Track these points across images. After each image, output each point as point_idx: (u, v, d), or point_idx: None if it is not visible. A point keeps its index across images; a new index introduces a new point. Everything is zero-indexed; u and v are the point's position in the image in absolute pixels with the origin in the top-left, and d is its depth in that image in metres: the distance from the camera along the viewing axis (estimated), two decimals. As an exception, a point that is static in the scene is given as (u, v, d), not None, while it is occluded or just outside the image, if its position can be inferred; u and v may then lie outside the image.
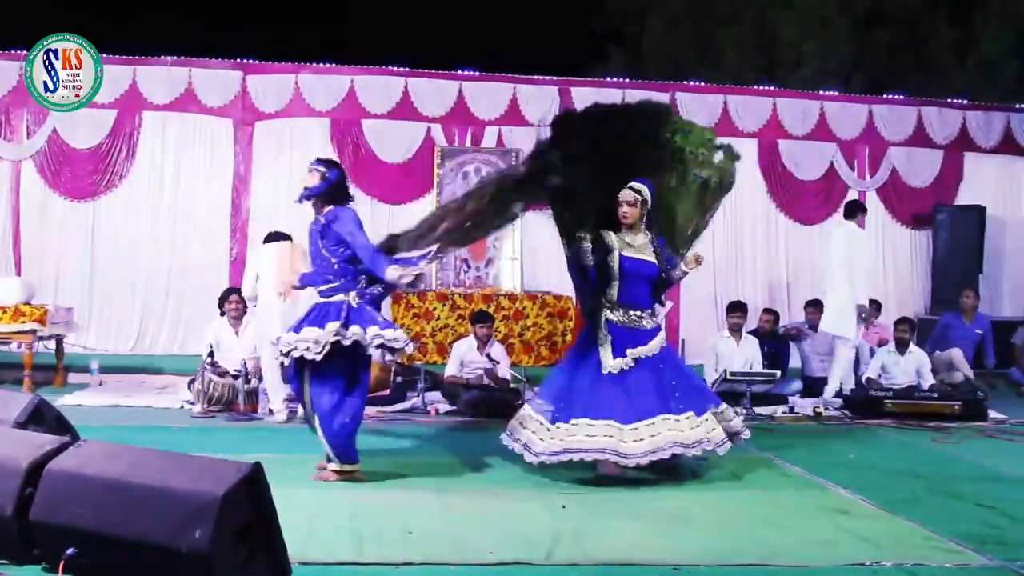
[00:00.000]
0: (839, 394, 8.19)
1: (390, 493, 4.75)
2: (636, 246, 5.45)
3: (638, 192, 5.41)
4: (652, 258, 5.45)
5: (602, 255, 5.42)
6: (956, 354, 8.86)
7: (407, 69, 10.83)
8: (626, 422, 5.03)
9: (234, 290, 8.11)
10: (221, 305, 7.73)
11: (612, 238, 5.44)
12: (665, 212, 5.69)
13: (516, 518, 4.30)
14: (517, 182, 5.71)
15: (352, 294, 5.11)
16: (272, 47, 11.10)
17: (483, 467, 5.42)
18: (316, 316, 5.04)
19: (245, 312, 7.77)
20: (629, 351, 5.29)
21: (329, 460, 5.08)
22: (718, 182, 5.88)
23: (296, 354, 4.95)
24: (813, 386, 8.76)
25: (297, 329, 5.01)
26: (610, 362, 5.26)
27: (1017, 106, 12.13)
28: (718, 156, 5.89)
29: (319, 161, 5.44)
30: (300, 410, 6.49)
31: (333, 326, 4.91)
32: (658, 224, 5.61)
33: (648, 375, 5.26)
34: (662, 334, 5.52)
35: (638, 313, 5.42)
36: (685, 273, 5.57)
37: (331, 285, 5.13)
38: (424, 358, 8.53)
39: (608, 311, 5.42)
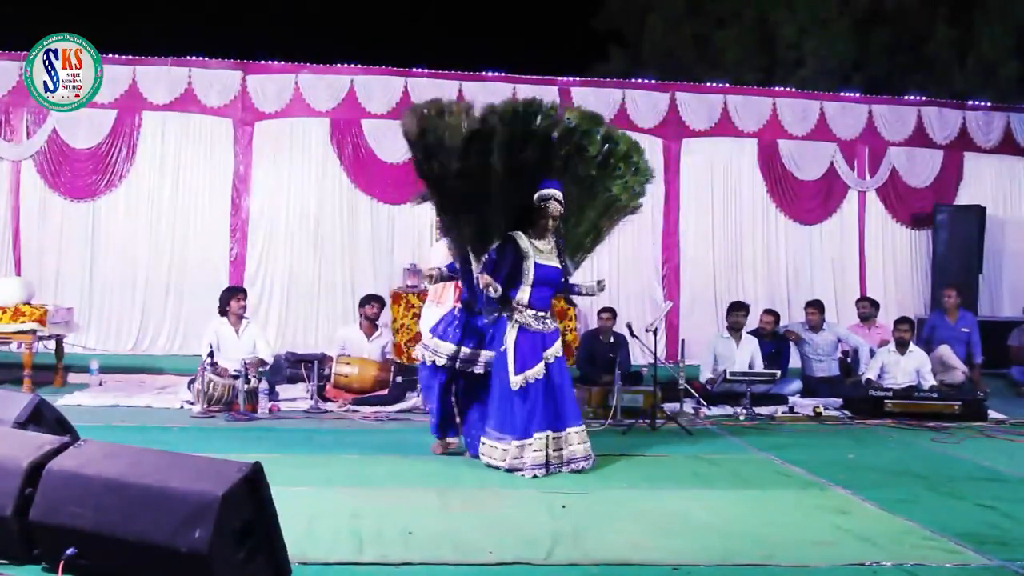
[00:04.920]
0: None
1: (390, 493, 4.75)
2: (545, 251, 5.52)
3: (560, 202, 5.46)
4: (558, 263, 5.56)
5: (517, 259, 5.42)
6: (944, 350, 8.87)
7: (407, 69, 10.84)
8: (524, 437, 5.27)
9: (240, 289, 8.11)
10: (227, 303, 7.72)
11: (525, 242, 5.47)
12: (571, 217, 5.71)
13: (516, 518, 4.30)
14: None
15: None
16: (272, 47, 11.12)
17: (483, 467, 5.41)
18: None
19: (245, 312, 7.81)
20: (544, 352, 5.41)
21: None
22: (626, 203, 5.96)
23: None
24: (813, 386, 8.77)
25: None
26: (513, 378, 5.34)
27: (1017, 106, 12.14)
28: (639, 178, 5.94)
29: None
30: None
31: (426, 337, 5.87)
32: (562, 226, 5.65)
33: (544, 388, 5.37)
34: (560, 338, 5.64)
35: (544, 315, 5.53)
36: (587, 293, 5.94)
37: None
38: (424, 358, 8.54)
39: (515, 314, 5.43)
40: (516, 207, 5.46)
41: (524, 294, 5.44)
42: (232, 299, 7.74)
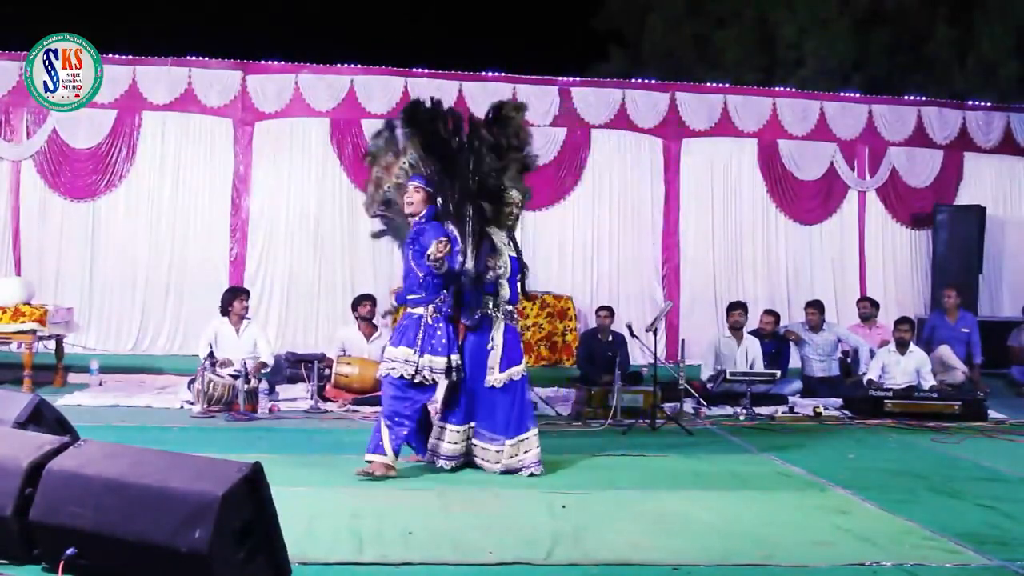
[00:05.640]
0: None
1: (390, 493, 4.75)
2: (507, 244, 5.48)
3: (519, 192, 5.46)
4: (515, 253, 5.50)
5: (493, 255, 5.35)
6: (944, 351, 8.88)
7: (407, 69, 10.84)
8: (518, 433, 5.23)
9: (243, 290, 8.11)
10: (229, 303, 7.71)
11: (499, 237, 5.43)
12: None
13: (516, 518, 4.30)
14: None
15: (430, 308, 5.23)
16: (272, 47, 11.12)
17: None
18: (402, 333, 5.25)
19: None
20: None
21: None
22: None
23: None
24: (813, 386, 8.77)
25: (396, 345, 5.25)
26: (498, 376, 5.25)
27: (1017, 106, 12.14)
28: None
29: (421, 178, 5.36)
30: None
31: (407, 352, 5.15)
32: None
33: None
34: None
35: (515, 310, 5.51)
36: None
37: (416, 296, 5.28)
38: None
39: (500, 310, 5.34)
40: (478, 202, 5.37)
41: (506, 289, 5.38)
42: (235, 300, 7.74)
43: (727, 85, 12.01)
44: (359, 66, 10.79)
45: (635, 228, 11.16)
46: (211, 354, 7.40)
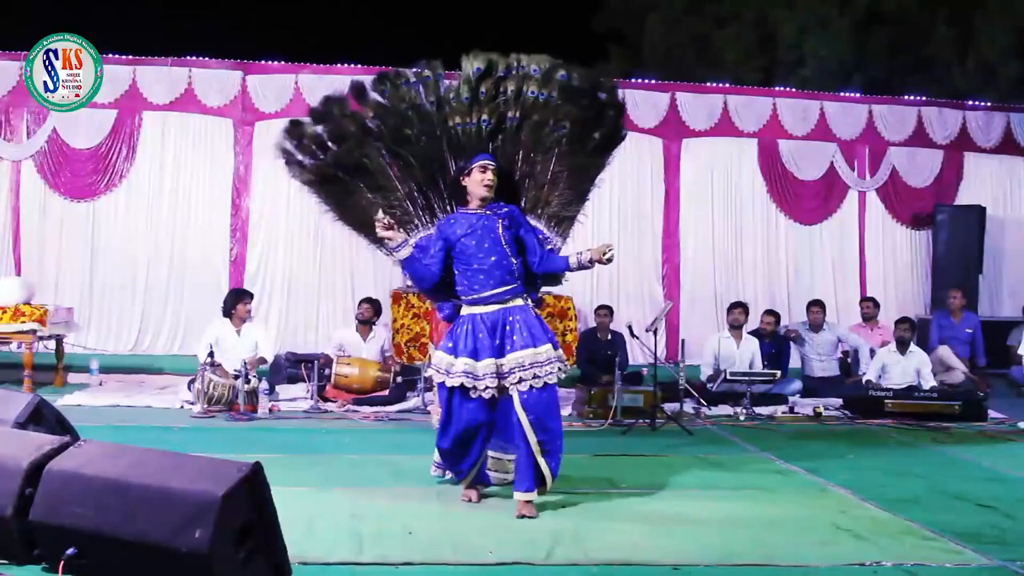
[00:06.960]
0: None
1: (390, 493, 4.75)
2: None
3: None
4: None
5: None
6: (944, 351, 8.89)
7: (407, 69, 10.81)
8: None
9: (247, 293, 8.11)
10: (233, 306, 7.71)
11: None
12: None
13: (516, 518, 4.30)
14: None
15: (528, 298, 4.65)
16: (272, 47, 11.12)
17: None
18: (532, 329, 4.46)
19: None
20: None
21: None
22: None
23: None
24: (813, 386, 8.77)
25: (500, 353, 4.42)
26: None
27: (1017, 106, 12.14)
28: None
29: (491, 156, 4.82)
30: None
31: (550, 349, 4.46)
32: None
33: None
34: None
35: None
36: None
37: (510, 287, 4.55)
38: (424, 358, 8.52)
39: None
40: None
41: None
42: (239, 302, 7.76)
43: (727, 85, 12.01)
44: (359, 66, 10.77)
45: (635, 228, 11.15)
46: (211, 354, 7.40)
